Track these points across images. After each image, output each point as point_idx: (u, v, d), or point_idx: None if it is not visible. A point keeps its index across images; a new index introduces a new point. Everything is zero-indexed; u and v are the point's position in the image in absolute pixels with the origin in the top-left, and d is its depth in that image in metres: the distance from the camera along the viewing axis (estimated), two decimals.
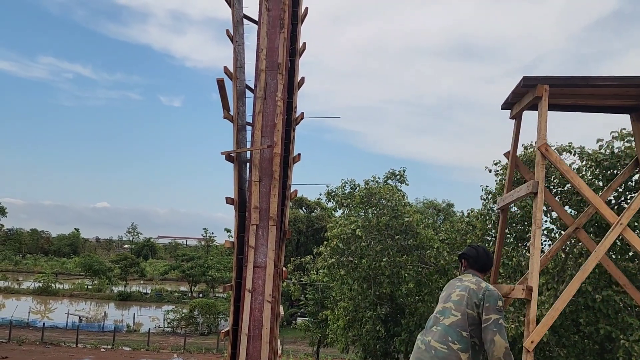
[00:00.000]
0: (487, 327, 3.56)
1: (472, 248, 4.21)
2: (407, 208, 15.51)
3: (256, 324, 5.08)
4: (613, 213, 4.49)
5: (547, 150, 4.42)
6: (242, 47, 5.68)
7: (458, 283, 3.99)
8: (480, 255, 4.11)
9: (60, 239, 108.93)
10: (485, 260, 4.12)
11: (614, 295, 10.98)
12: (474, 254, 4.12)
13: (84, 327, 44.28)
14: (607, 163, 11.41)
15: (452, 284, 4.04)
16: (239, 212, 5.27)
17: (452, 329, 3.65)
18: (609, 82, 4.42)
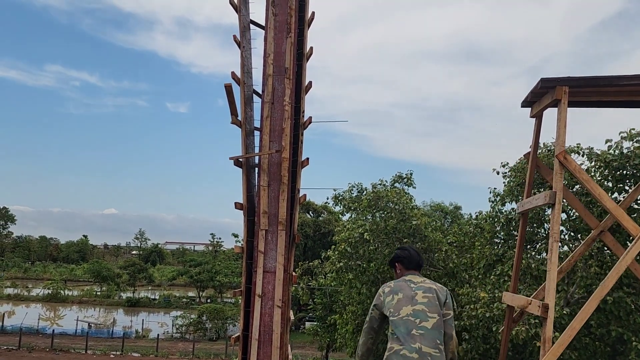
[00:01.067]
0: (448, 323, 3.71)
1: (403, 250, 4.12)
2: (414, 211, 15.47)
3: (266, 329, 5.07)
4: (635, 225, 4.35)
5: (566, 159, 4.32)
6: (249, 53, 5.69)
7: (413, 285, 3.83)
8: (413, 255, 4.04)
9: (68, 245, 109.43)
10: (419, 259, 4.07)
11: (625, 297, 10.88)
12: (407, 255, 4.04)
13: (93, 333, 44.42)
14: (617, 164, 11.34)
15: (403, 286, 3.84)
16: (248, 217, 5.27)
17: (436, 331, 3.64)
18: (634, 82, 4.35)
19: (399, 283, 3.89)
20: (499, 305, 11.26)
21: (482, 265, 13.70)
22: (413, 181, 17.55)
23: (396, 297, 3.76)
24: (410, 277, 3.93)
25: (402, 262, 4.06)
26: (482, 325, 11.99)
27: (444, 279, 14.94)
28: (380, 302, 3.83)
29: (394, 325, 3.67)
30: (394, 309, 3.72)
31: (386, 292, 3.84)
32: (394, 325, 3.67)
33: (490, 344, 12.20)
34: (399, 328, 3.63)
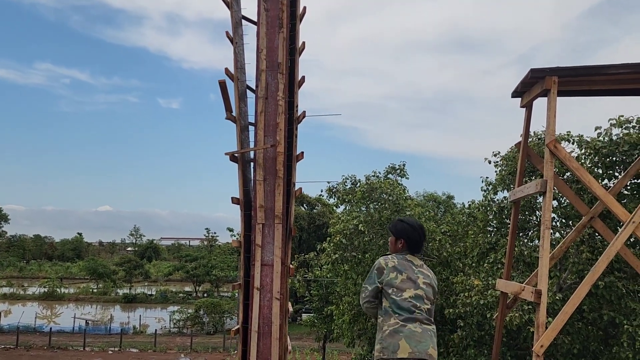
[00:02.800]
0: (433, 311, 3.79)
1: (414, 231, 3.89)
2: (408, 202, 15.60)
3: (265, 321, 5.16)
4: (625, 211, 4.45)
5: (556, 148, 4.41)
6: (241, 48, 5.74)
7: (414, 267, 3.80)
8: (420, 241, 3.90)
9: (63, 243, 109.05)
10: (422, 245, 3.97)
11: (616, 282, 11.07)
12: (416, 239, 3.87)
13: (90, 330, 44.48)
14: (606, 150, 11.48)
15: (406, 266, 3.77)
16: (245, 211, 5.34)
17: (430, 315, 3.75)
18: (623, 70, 4.42)
19: (403, 262, 3.79)
20: (492, 293, 11.42)
21: (476, 254, 13.86)
22: (406, 172, 17.67)
23: (400, 277, 3.70)
24: (411, 257, 3.86)
25: (408, 242, 3.90)
26: (477, 313, 12.16)
27: (438, 267, 15.10)
28: (383, 276, 3.73)
29: (396, 305, 3.64)
30: (397, 288, 3.67)
31: (390, 267, 3.74)
32: (396, 305, 3.64)
33: (485, 330, 12.38)
34: (402, 309, 3.62)
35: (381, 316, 3.70)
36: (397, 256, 3.83)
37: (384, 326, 3.62)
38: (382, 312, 3.71)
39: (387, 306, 3.68)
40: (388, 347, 3.54)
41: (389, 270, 3.72)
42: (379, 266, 3.78)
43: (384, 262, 3.78)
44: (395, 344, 3.52)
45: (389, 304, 3.67)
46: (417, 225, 3.94)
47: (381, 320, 3.68)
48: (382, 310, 3.71)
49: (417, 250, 3.92)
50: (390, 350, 3.53)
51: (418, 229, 3.92)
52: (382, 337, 3.61)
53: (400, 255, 3.84)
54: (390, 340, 3.55)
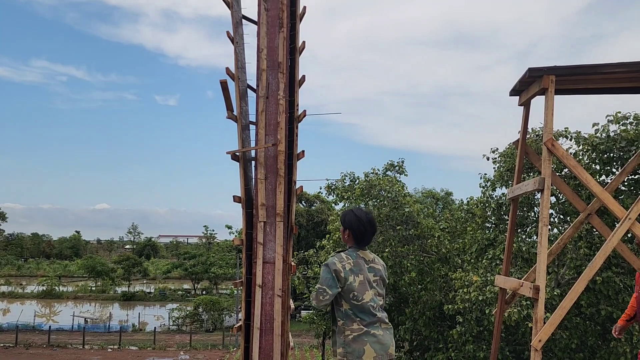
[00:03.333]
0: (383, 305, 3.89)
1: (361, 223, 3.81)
2: (407, 199, 15.66)
3: (267, 318, 5.21)
4: (621, 208, 4.50)
5: (554, 146, 4.47)
6: (242, 48, 5.77)
7: (366, 265, 3.79)
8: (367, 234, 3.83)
9: (61, 242, 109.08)
10: (371, 238, 3.90)
11: (614, 277, 11.17)
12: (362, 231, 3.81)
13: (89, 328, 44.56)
14: (603, 146, 11.56)
15: (361, 266, 3.75)
16: (247, 209, 5.38)
17: (383, 310, 3.86)
18: (619, 69, 4.48)
19: (358, 261, 3.76)
20: (491, 289, 11.51)
21: (474, 250, 13.95)
22: (405, 169, 17.75)
23: (357, 279, 3.69)
24: (362, 253, 3.83)
25: (353, 233, 3.84)
26: (475, 308, 12.25)
27: (437, 264, 15.19)
28: (342, 281, 3.67)
29: (357, 309, 3.68)
30: (356, 292, 3.68)
31: (347, 270, 3.68)
32: (358, 310, 3.68)
33: (484, 326, 12.48)
34: (364, 313, 3.68)
35: (341, 319, 3.72)
36: (351, 255, 3.79)
37: (347, 331, 3.68)
38: (342, 314, 3.73)
39: (348, 309, 3.70)
40: (353, 352, 3.64)
41: (347, 274, 3.69)
42: (335, 269, 3.69)
43: (340, 265, 3.71)
44: (360, 350, 3.63)
45: (350, 307, 3.70)
46: (365, 218, 3.86)
47: (342, 323, 3.71)
48: (342, 313, 3.73)
49: (365, 242, 3.87)
50: (355, 355, 3.63)
51: (365, 221, 3.84)
52: (346, 342, 3.67)
53: (354, 254, 3.81)
54: (355, 345, 3.64)
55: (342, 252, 3.85)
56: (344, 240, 3.96)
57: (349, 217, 3.91)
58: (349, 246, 3.93)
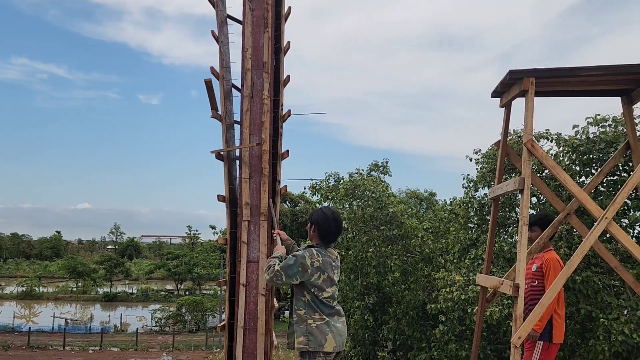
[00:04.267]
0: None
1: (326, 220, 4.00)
2: (391, 199, 15.75)
3: (251, 317, 5.23)
4: (598, 207, 4.63)
5: (534, 147, 4.57)
6: (227, 47, 5.77)
7: (333, 263, 4.00)
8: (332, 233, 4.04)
9: (41, 242, 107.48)
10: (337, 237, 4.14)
11: (593, 276, 11.35)
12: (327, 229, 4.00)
13: (70, 329, 44.00)
14: (583, 148, 11.74)
15: (327, 265, 3.93)
16: (231, 208, 5.40)
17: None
18: (596, 72, 4.62)
19: (326, 259, 3.93)
20: (473, 288, 11.63)
21: (457, 250, 14.07)
22: (389, 169, 17.87)
23: (322, 277, 3.89)
24: (329, 251, 4.02)
25: (319, 230, 4.02)
26: (458, 308, 12.36)
27: (420, 264, 15.30)
28: (307, 276, 3.84)
29: (318, 301, 3.90)
30: (319, 288, 3.89)
31: (314, 268, 3.85)
32: (319, 302, 3.90)
33: (466, 325, 12.60)
34: (324, 305, 3.91)
35: (303, 309, 3.92)
36: (320, 253, 3.93)
37: (309, 320, 3.88)
38: (304, 304, 3.92)
39: (310, 300, 3.91)
40: (315, 341, 3.85)
41: (313, 271, 3.85)
42: (303, 262, 3.84)
43: (309, 261, 3.85)
44: (322, 339, 3.85)
45: (311, 298, 3.91)
46: (331, 216, 4.03)
47: (304, 312, 3.91)
48: (304, 303, 3.92)
49: (329, 240, 4.05)
50: (317, 343, 3.85)
51: (331, 220, 4.01)
52: (309, 330, 3.86)
53: (323, 251, 3.96)
54: (318, 334, 3.86)
55: (314, 249, 3.99)
56: (310, 236, 4.18)
57: (317, 214, 4.11)
58: (315, 243, 4.09)
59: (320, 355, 3.85)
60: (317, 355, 3.85)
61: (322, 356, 3.86)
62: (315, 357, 3.86)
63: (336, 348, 3.90)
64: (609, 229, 4.44)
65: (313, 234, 4.10)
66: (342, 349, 3.97)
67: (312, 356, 3.86)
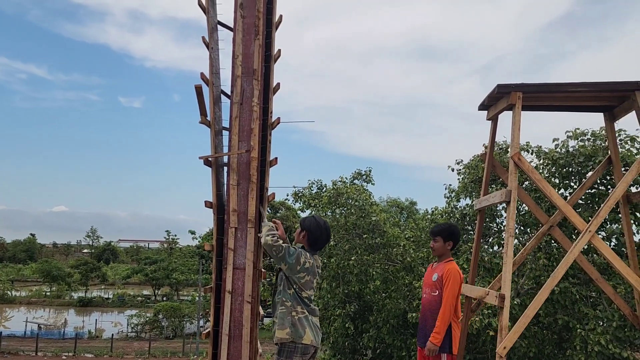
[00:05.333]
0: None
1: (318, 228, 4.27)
2: (373, 207, 15.84)
3: (236, 325, 5.19)
4: (582, 220, 4.74)
5: (520, 160, 4.66)
6: (217, 54, 5.76)
7: (317, 270, 4.26)
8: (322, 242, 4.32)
9: (15, 244, 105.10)
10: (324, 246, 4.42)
11: (570, 287, 11.55)
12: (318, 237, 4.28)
13: (43, 334, 43.06)
14: (563, 161, 11.99)
15: (314, 270, 4.20)
16: (218, 215, 5.36)
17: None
18: (581, 89, 4.75)
19: (313, 263, 4.19)
20: None
21: None
22: (372, 178, 17.97)
23: (306, 278, 4.15)
24: (314, 258, 4.25)
25: (309, 236, 4.27)
26: None
27: (401, 272, 15.38)
28: (294, 271, 4.10)
29: (299, 297, 4.14)
30: (301, 286, 4.14)
31: (304, 267, 4.11)
32: (300, 298, 4.14)
33: None
34: (304, 302, 4.15)
35: (289, 301, 4.14)
36: (310, 257, 4.19)
37: (293, 312, 4.11)
38: (290, 297, 4.15)
39: (294, 294, 4.15)
40: (297, 332, 4.06)
41: (301, 269, 4.12)
42: (299, 257, 4.10)
43: (303, 259, 4.12)
44: (302, 331, 4.08)
45: (295, 292, 4.15)
46: (324, 225, 4.30)
47: (290, 304, 4.12)
48: (290, 295, 4.15)
49: (317, 247, 4.31)
50: (298, 335, 4.06)
51: (323, 229, 4.28)
52: (293, 322, 4.08)
53: (312, 257, 4.21)
54: (300, 326, 4.08)
55: (307, 252, 4.23)
56: (298, 240, 4.41)
57: (310, 220, 4.35)
58: (301, 246, 4.34)
59: (299, 347, 4.04)
60: (296, 346, 4.04)
61: (300, 348, 4.04)
62: (294, 349, 4.05)
63: (312, 342, 4.09)
64: (592, 242, 4.53)
65: (302, 239, 4.30)
66: (317, 346, 4.15)
67: (290, 347, 4.05)
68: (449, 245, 5.11)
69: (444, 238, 5.11)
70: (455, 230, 5.20)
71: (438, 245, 5.14)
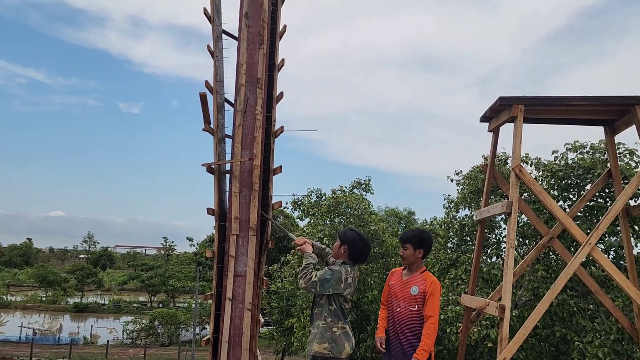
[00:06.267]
0: None
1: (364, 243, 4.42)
2: (372, 217, 15.86)
3: (236, 332, 5.20)
4: (582, 233, 4.77)
5: (521, 172, 4.70)
6: (221, 62, 5.81)
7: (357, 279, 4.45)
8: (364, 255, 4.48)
9: (11, 249, 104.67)
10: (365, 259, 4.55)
11: (568, 300, 11.56)
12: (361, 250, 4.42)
13: (38, 340, 42.79)
14: (562, 173, 12.04)
15: (355, 281, 4.36)
16: (220, 222, 5.39)
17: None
18: (583, 102, 4.80)
19: (354, 276, 4.32)
20: (452, 308, 11.73)
21: (437, 269, 14.19)
22: (371, 187, 17.99)
23: (349, 291, 4.28)
24: (355, 270, 4.37)
25: (350, 249, 4.35)
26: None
27: None
28: (340, 290, 4.20)
29: (341, 311, 4.24)
30: (345, 300, 4.28)
31: (348, 282, 4.23)
32: (342, 312, 4.24)
33: (444, 345, 12.66)
34: (345, 315, 4.28)
35: (330, 317, 4.21)
36: (352, 270, 4.30)
37: (334, 327, 4.19)
38: (331, 313, 4.22)
39: (336, 309, 4.23)
40: (337, 347, 4.17)
41: (346, 285, 4.22)
42: (339, 277, 4.20)
43: (345, 276, 4.21)
44: (343, 345, 4.19)
45: (337, 307, 4.23)
46: (365, 238, 4.43)
47: (330, 320, 4.21)
48: (331, 311, 4.23)
49: (359, 260, 4.45)
50: (338, 350, 4.17)
51: (366, 241, 4.41)
52: (333, 337, 4.17)
53: (353, 269, 4.33)
54: (340, 341, 4.18)
55: (347, 265, 4.34)
56: (336, 254, 4.49)
57: (350, 234, 4.45)
58: (341, 261, 4.39)
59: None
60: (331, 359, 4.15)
61: None
62: None
63: (348, 354, 4.26)
64: (592, 254, 4.56)
65: (343, 252, 4.40)
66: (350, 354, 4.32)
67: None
68: (419, 253, 4.67)
69: (414, 245, 4.67)
70: (426, 238, 4.74)
71: (408, 253, 4.70)
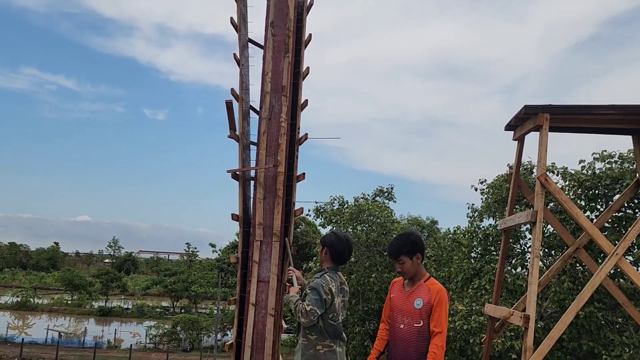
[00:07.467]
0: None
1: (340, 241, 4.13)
2: (395, 225, 15.79)
3: (259, 337, 5.25)
4: (609, 243, 4.68)
5: (547, 181, 4.64)
6: (247, 70, 5.90)
7: (343, 287, 4.16)
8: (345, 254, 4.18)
9: (39, 252, 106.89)
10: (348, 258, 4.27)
11: (596, 312, 11.32)
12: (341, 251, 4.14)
13: (63, 342, 43.48)
14: (589, 183, 11.83)
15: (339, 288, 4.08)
16: (244, 228, 5.46)
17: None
18: (610, 111, 4.71)
19: (337, 284, 4.04)
20: (476, 318, 11.59)
21: (460, 279, 14.05)
22: (394, 195, 17.94)
23: (337, 301, 4.01)
24: (338, 275, 4.12)
25: (331, 251, 4.12)
26: (460, 338, 12.29)
27: None
28: (330, 304, 3.92)
29: (331, 328, 3.97)
30: (336, 313, 3.99)
31: (334, 293, 3.95)
32: (332, 328, 3.98)
33: (467, 355, 12.51)
34: (335, 331, 3.99)
35: (315, 334, 3.96)
36: (333, 278, 4.02)
37: (318, 345, 3.95)
38: (317, 330, 3.97)
39: (322, 327, 3.96)
40: None
41: (333, 297, 3.96)
42: (327, 290, 3.92)
43: (327, 288, 3.93)
44: None
45: (324, 325, 3.96)
46: (344, 238, 4.18)
47: (315, 338, 3.95)
48: (317, 329, 3.96)
49: (341, 261, 4.17)
50: None
51: (344, 240, 4.15)
52: (317, 356, 3.93)
53: (335, 276, 4.06)
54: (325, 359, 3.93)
55: (326, 274, 4.06)
56: (321, 259, 4.26)
57: (330, 237, 4.24)
58: (326, 267, 4.17)
59: None
60: None
61: None
62: None
63: None
64: (619, 265, 4.48)
65: (325, 256, 4.16)
66: None
67: None
68: (417, 258, 4.00)
69: (409, 254, 4.00)
70: (415, 240, 4.06)
71: (407, 266, 4.01)
